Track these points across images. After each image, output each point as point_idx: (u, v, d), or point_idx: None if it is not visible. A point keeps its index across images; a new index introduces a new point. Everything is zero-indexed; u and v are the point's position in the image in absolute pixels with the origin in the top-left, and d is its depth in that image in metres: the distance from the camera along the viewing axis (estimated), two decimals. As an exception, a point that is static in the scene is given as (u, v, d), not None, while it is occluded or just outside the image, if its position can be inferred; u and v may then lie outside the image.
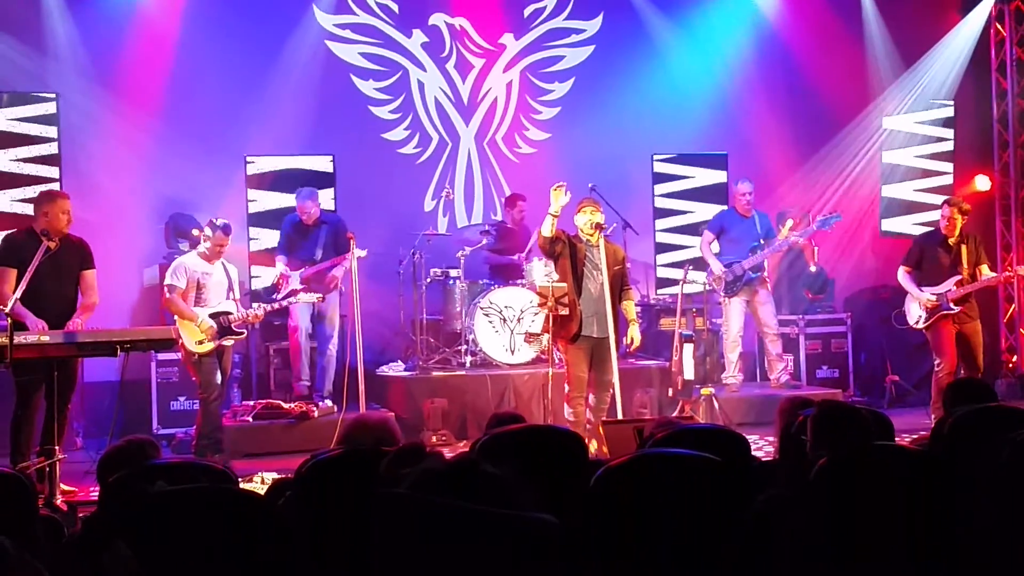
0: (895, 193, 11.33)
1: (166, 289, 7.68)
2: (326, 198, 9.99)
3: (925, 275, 8.36)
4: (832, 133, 11.19)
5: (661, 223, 10.92)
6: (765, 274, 9.35)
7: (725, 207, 10.35)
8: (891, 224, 11.31)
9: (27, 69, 9.36)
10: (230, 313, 7.73)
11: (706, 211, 10.74)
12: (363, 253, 8.24)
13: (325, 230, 8.87)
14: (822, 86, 11.00)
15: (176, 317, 7.61)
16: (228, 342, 7.79)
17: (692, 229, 10.79)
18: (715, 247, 9.49)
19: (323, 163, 10.13)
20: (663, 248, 10.91)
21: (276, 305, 8.33)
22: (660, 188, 10.92)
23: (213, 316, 7.63)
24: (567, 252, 7.41)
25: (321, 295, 8.42)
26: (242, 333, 7.91)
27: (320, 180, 10.02)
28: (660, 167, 10.90)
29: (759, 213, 9.45)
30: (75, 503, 6.19)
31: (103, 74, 9.64)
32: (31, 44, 9.40)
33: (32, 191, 8.64)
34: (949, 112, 11.34)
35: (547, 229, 7.28)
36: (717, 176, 10.91)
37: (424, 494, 1.88)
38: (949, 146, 11.37)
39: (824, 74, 10.97)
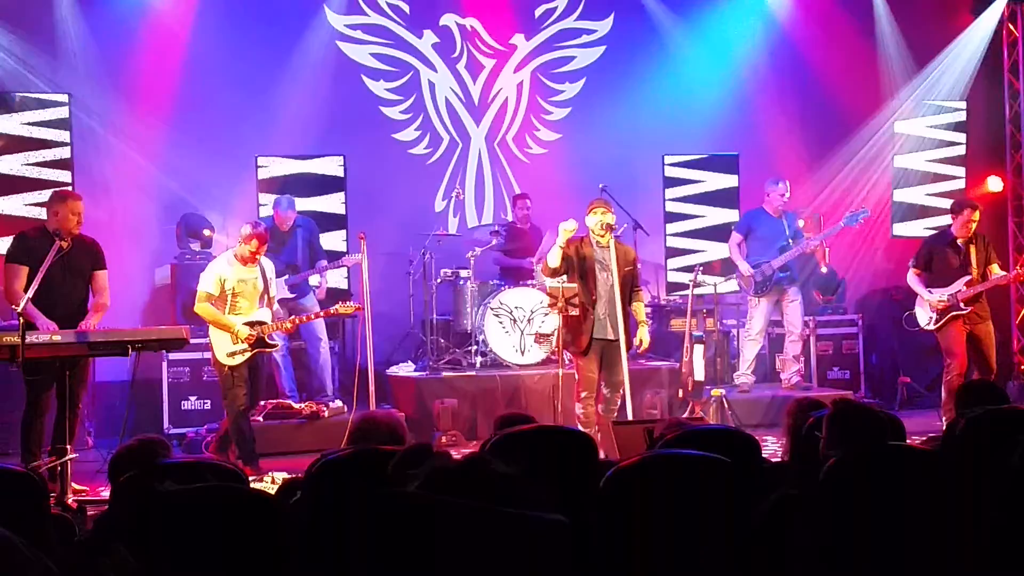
0: (907, 198, 11.28)
1: (197, 296, 7.31)
2: (336, 201, 10.04)
3: (935, 276, 8.34)
4: (843, 134, 11.16)
5: (672, 227, 10.88)
6: (794, 273, 9.33)
7: (736, 209, 10.33)
8: (903, 228, 11.27)
9: (39, 71, 9.41)
10: (264, 323, 7.34)
11: (717, 215, 10.74)
12: (357, 258, 8.25)
13: (300, 234, 8.94)
14: (834, 87, 10.97)
15: (210, 325, 7.32)
16: (264, 352, 7.45)
17: (704, 233, 10.78)
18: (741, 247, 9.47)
19: (333, 166, 10.14)
20: (674, 252, 10.87)
21: (306, 317, 8.10)
22: (671, 192, 10.88)
23: (248, 325, 7.28)
24: (575, 262, 7.41)
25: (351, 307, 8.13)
26: (276, 344, 7.64)
27: (331, 184, 10.07)
28: (671, 171, 10.86)
29: (787, 213, 9.41)
30: (86, 502, 6.21)
31: (115, 75, 9.69)
32: (43, 46, 9.46)
33: (45, 194, 8.63)
34: (961, 116, 11.29)
35: (554, 260, 7.31)
36: (728, 180, 10.87)
37: (434, 493, 1.88)
38: (961, 148, 11.32)
39: (835, 75, 10.95)
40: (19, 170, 9.28)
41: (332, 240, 9.88)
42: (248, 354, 7.26)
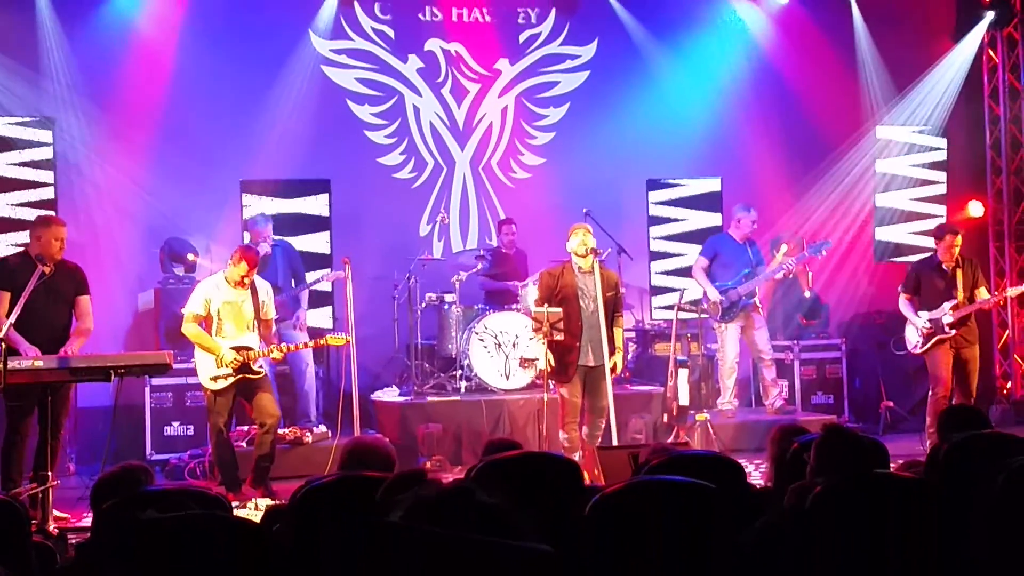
0: (889, 236, 11.33)
1: (184, 315, 7.29)
2: (322, 240, 10.12)
3: (923, 300, 8.38)
4: (825, 158, 11.22)
5: (655, 230, 10.93)
6: (758, 300, 9.34)
7: (719, 213, 10.36)
8: (885, 233, 11.33)
9: (22, 94, 9.40)
10: (251, 348, 7.23)
11: (699, 218, 10.86)
12: (340, 274, 8.25)
13: (278, 253, 8.87)
14: (815, 111, 11.04)
15: (196, 346, 7.27)
16: (250, 378, 7.25)
17: (687, 271, 10.83)
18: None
19: (319, 205, 10.17)
20: (657, 256, 10.96)
21: (294, 346, 7.86)
22: (656, 231, 11.00)
23: (234, 350, 7.18)
24: (557, 291, 7.46)
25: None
26: (261, 373, 7.36)
27: (316, 223, 10.12)
28: (656, 209, 10.97)
29: (750, 241, 9.42)
30: (67, 529, 6.15)
31: (98, 98, 9.69)
32: (27, 70, 9.44)
33: (28, 195, 8.63)
34: (942, 155, 11.36)
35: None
36: (712, 218, 10.94)
37: (417, 523, 1.87)
38: (942, 187, 11.37)
39: (817, 99, 11.03)
40: (4, 211, 9.26)
41: (316, 242, 10.08)
42: (232, 379, 7.20)
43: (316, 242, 10.08)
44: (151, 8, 9.91)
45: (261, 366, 7.36)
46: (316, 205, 10.18)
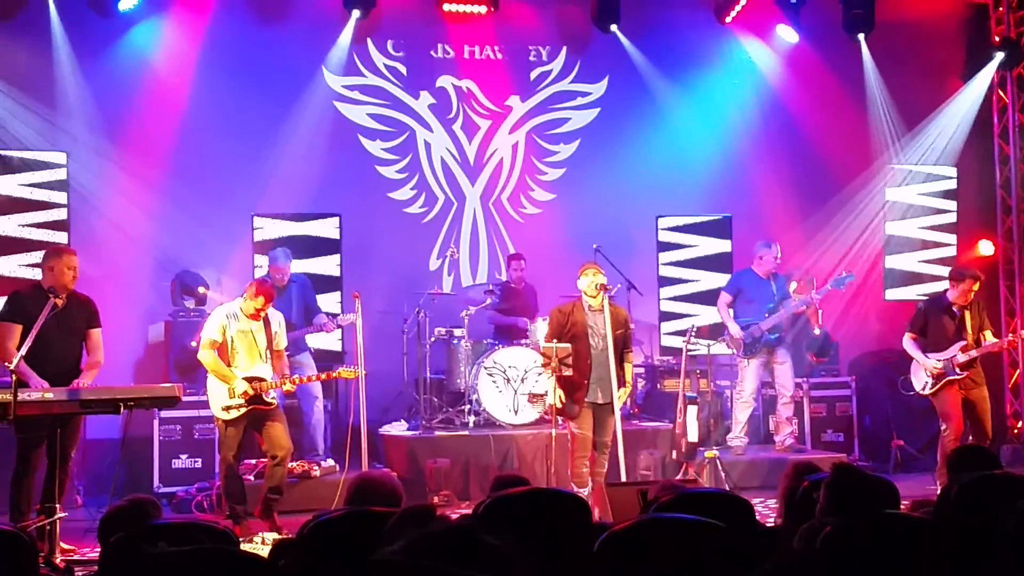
0: (899, 264, 11.35)
1: (200, 342, 7.28)
2: (332, 263, 10.08)
3: (930, 341, 8.32)
4: (835, 197, 11.26)
5: (666, 291, 10.94)
6: (784, 334, 9.33)
7: (729, 274, 10.37)
8: (895, 293, 11.34)
9: (38, 128, 9.48)
10: (263, 380, 7.21)
11: (710, 280, 10.81)
12: (351, 319, 8.28)
13: (295, 289, 8.93)
14: (825, 149, 11.10)
15: (210, 374, 7.28)
16: (261, 408, 7.22)
17: (697, 297, 10.86)
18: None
19: (329, 228, 10.20)
20: (668, 316, 10.94)
21: (307, 377, 7.91)
22: (665, 256, 10.99)
23: (247, 381, 7.18)
24: (566, 329, 7.46)
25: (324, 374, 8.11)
26: (272, 404, 7.30)
27: (327, 246, 10.14)
28: (665, 235, 10.98)
29: (776, 275, 9.43)
30: (74, 562, 6.14)
31: (113, 132, 9.78)
32: (43, 104, 9.53)
33: (39, 256, 8.60)
34: (952, 184, 11.42)
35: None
36: (722, 244, 10.97)
37: (418, 559, 1.86)
38: (952, 216, 11.42)
39: (827, 137, 11.09)
40: (15, 231, 9.30)
41: (327, 302, 9.88)
42: (243, 410, 7.20)
43: (326, 265, 10.09)
44: (166, 44, 10.02)
45: (273, 397, 7.35)
46: (326, 228, 10.21)
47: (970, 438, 8.12)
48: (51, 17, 9.57)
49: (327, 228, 10.21)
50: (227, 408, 7.19)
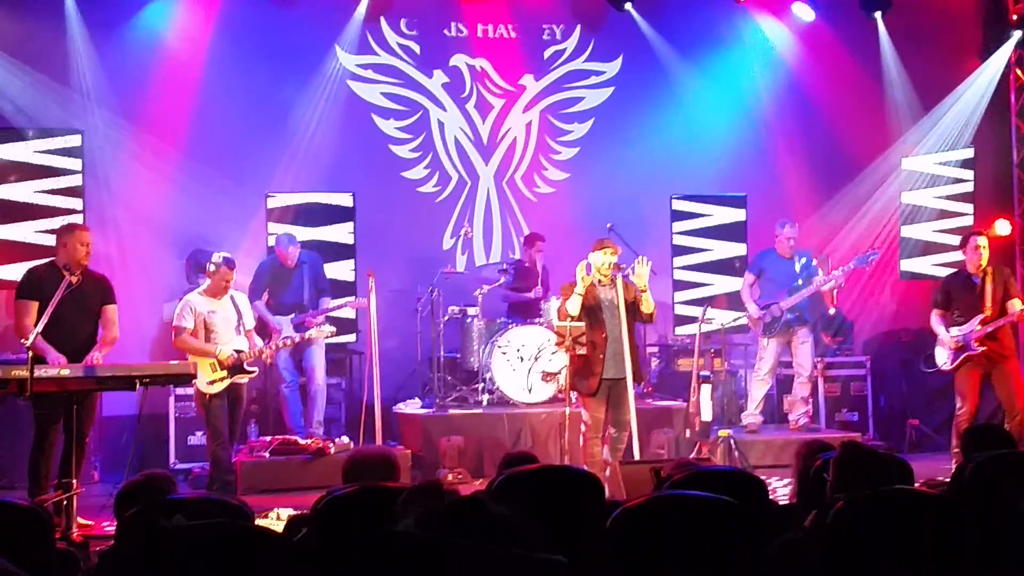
0: (915, 234, 11.30)
1: (174, 331, 7.64)
2: (345, 231, 10.11)
3: (955, 315, 8.12)
4: (850, 175, 11.18)
5: (679, 260, 10.92)
6: (806, 314, 9.30)
7: (744, 243, 10.33)
8: (910, 264, 11.27)
9: (53, 105, 9.50)
10: (242, 351, 7.66)
11: (724, 249, 10.79)
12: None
13: (306, 270, 9.01)
14: (841, 129, 11.02)
15: (190, 356, 7.52)
16: (242, 379, 7.73)
17: (711, 266, 10.83)
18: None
19: (344, 198, 10.23)
20: (681, 286, 10.92)
21: (289, 341, 8.25)
22: (679, 226, 10.95)
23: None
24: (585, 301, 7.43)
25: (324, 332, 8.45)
26: (254, 371, 7.83)
27: (340, 214, 10.17)
28: (679, 204, 10.95)
29: (799, 252, 9.41)
30: (91, 537, 6.19)
31: (127, 111, 9.79)
32: (57, 82, 9.55)
33: (55, 223, 8.69)
34: (969, 153, 11.31)
35: (574, 309, 7.29)
36: (736, 214, 10.95)
37: (429, 532, 1.87)
38: (969, 186, 11.36)
39: (843, 117, 11.00)
40: (30, 197, 9.35)
41: (340, 270, 10.00)
42: (227, 381, 7.53)
43: (340, 270, 10.08)
44: (179, 23, 10.00)
45: (254, 368, 7.76)
46: (340, 233, 10.23)
47: (1004, 419, 7.95)
48: (65, -6, 9.59)
49: (342, 197, 10.27)
50: (211, 382, 7.53)
